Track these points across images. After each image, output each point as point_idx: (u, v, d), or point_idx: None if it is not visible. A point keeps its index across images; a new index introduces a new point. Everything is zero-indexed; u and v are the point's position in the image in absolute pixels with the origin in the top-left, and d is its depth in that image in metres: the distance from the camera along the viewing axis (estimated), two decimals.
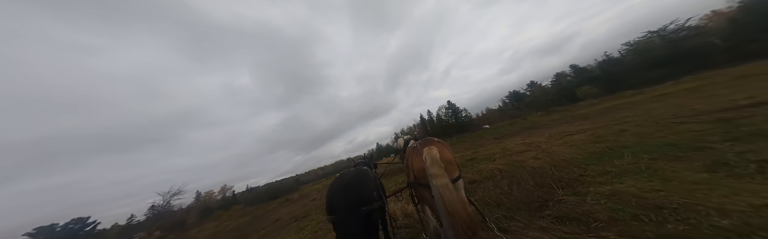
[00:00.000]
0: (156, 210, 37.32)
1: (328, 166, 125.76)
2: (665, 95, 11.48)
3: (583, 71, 42.91)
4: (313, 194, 17.60)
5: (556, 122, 12.91)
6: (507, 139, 11.12)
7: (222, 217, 24.41)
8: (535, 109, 30.13)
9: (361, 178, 2.03)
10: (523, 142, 8.37)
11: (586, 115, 12.48)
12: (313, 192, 19.28)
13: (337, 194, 1.83)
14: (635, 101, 12.30)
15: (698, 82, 12.52)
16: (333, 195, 1.83)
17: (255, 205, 27.65)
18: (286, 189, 40.46)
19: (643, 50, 29.88)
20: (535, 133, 10.57)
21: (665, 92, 12.54)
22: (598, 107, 15.37)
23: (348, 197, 1.78)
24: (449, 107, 46.69)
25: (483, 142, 13.52)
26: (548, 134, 8.75)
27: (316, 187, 25.95)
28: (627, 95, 18.29)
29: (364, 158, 3.81)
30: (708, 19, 28.95)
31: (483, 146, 10.82)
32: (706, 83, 11.08)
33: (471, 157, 8.24)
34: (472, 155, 8.40)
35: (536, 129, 12.04)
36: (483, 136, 18.58)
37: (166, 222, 42.51)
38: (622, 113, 9.01)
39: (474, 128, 43.18)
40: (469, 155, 9.00)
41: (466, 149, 12.17)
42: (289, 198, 19.81)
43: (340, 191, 1.85)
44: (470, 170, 6.00)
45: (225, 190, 66.16)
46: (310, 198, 14.85)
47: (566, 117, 14.34)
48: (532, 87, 67.82)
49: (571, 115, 14.65)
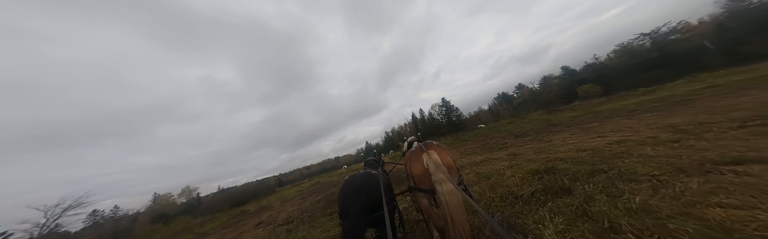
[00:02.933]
0: (34, 233, 22.48)
1: (314, 165, 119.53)
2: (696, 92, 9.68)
3: (574, 73, 43.14)
4: (276, 205, 13.82)
5: (580, 120, 10.30)
6: (536, 138, 8.16)
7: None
8: (533, 108, 28.48)
9: (370, 181, 1.97)
10: (583, 142, 5.35)
11: (625, 110, 9.94)
12: (276, 202, 15.39)
13: (349, 198, 1.79)
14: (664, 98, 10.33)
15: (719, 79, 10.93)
16: (344, 200, 1.83)
17: (207, 215, 23.16)
18: (258, 192, 35.92)
19: (635, 52, 30.25)
20: (566, 131, 7.79)
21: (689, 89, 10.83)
22: (622, 103, 13.15)
23: (359, 202, 1.71)
24: (443, 104, 44.40)
25: (494, 141, 10.61)
26: (609, 129, 5.94)
27: (289, 193, 21.98)
28: (638, 93, 16.65)
29: (374, 156, 3.50)
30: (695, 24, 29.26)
31: (506, 147, 7.80)
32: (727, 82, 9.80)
33: (508, 165, 5.10)
34: (510, 163, 5.27)
35: (568, 127, 9.23)
36: (487, 135, 15.83)
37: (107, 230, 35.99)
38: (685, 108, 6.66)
39: (468, 127, 41.38)
40: (496, 160, 5.87)
41: (475, 151, 9.11)
42: (244, 211, 15.84)
43: (351, 195, 1.80)
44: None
45: (188, 192, 58.91)
46: (269, 212, 11.18)
47: (591, 113, 11.87)
48: (520, 89, 68.97)
49: (599, 110, 12.21)
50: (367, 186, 1.85)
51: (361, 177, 2.02)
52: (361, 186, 1.83)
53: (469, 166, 6.05)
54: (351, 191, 1.81)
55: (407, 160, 2.17)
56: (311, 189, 16.30)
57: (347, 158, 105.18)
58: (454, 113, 44.12)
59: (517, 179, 3.91)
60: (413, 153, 2.07)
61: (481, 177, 4.64)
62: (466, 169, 5.80)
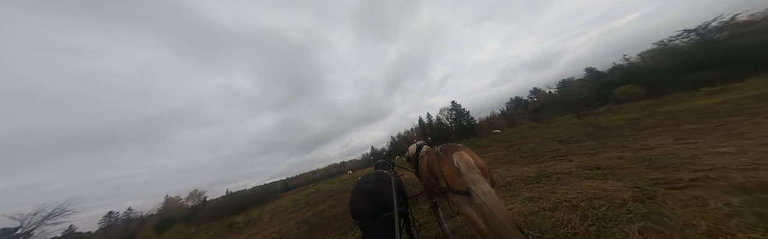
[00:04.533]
0: None
1: (320, 170, 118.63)
2: None
3: (600, 75, 40.01)
4: (265, 218, 11.89)
5: (650, 123, 7.83)
6: (606, 143, 5.83)
7: None
8: (559, 112, 25.66)
9: (382, 183, 2.02)
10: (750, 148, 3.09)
11: (709, 111, 7.42)
12: (266, 215, 13.44)
13: (360, 199, 1.87)
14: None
15: None
16: (356, 201, 1.89)
17: (203, 223, 21.58)
18: (258, 198, 34.36)
19: (677, 51, 26.82)
20: (660, 135, 5.40)
21: None
22: (692, 103, 10.50)
23: (371, 202, 1.78)
24: (454, 108, 41.81)
25: (528, 148, 8.26)
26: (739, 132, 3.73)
27: (284, 202, 20.06)
28: (702, 93, 13.81)
29: (384, 159, 3.65)
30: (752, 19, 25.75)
31: (563, 156, 5.48)
32: None
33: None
34: (628, 184, 3.04)
35: (642, 130, 6.82)
36: (511, 140, 13.42)
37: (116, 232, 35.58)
38: None
39: (481, 132, 38.38)
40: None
41: (511, 160, 6.83)
42: (233, 223, 14.00)
43: (363, 197, 1.88)
44: None
45: (195, 196, 58.64)
46: (260, 225, 9.32)
47: (652, 115, 9.33)
48: (536, 94, 65.44)
49: (667, 112, 9.64)
50: (380, 187, 1.95)
51: (374, 178, 2.13)
52: (373, 188, 1.92)
53: (523, 184, 3.87)
54: (363, 193, 1.90)
55: (432, 162, 2.02)
56: (306, 200, 14.32)
57: (353, 164, 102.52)
58: (464, 117, 41.40)
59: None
60: (438, 155, 1.96)
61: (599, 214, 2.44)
62: (522, 188, 3.63)
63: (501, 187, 3.85)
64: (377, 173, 2.17)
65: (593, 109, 23.03)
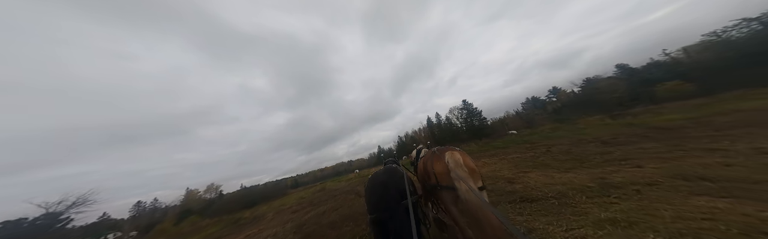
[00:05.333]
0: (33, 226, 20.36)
1: (328, 168, 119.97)
2: None
3: (633, 72, 36.72)
4: (269, 216, 11.43)
5: (721, 124, 6.34)
6: (679, 146, 4.54)
7: None
8: (588, 112, 23.53)
9: (393, 175, 2.12)
10: None
11: None
12: (270, 213, 13.01)
13: (377, 192, 1.90)
14: None
15: None
16: (372, 195, 1.92)
17: (216, 217, 21.88)
18: (269, 194, 34.87)
19: (733, 44, 23.45)
20: (746, 136, 4.07)
21: None
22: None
23: (391, 190, 1.84)
24: (465, 107, 39.62)
25: (560, 149, 6.99)
26: None
27: (290, 200, 19.77)
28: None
29: (393, 158, 3.86)
30: None
31: (625, 160, 4.27)
32: None
33: None
34: None
35: (719, 130, 5.45)
36: (532, 141, 11.99)
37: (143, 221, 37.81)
38: None
39: (495, 133, 36.17)
40: None
41: (545, 162, 5.66)
42: (239, 219, 13.75)
43: (379, 189, 1.92)
44: None
45: (212, 189, 61.08)
46: (261, 224, 8.86)
47: (719, 114, 7.71)
48: (555, 93, 61.32)
49: (739, 110, 7.97)
50: (394, 176, 2.07)
51: (384, 172, 2.25)
52: (387, 180, 2.00)
53: (585, 196, 2.78)
54: (378, 185, 1.96)
55: (428, 160, 2.14)
56: (310, 198, 13.76)
57: (360, 163, 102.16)
58: (476, 117, 39.02)
59: None
60: (434, 154, 2.06)
61: None
62: (586, 203, 2.57)
63: (550, 199, 2.85)
64: (388, 167, 2.34)
65: (628, 108, 20.77)
